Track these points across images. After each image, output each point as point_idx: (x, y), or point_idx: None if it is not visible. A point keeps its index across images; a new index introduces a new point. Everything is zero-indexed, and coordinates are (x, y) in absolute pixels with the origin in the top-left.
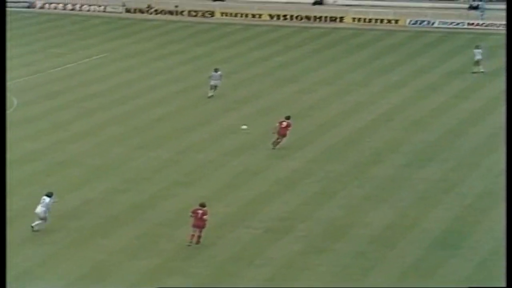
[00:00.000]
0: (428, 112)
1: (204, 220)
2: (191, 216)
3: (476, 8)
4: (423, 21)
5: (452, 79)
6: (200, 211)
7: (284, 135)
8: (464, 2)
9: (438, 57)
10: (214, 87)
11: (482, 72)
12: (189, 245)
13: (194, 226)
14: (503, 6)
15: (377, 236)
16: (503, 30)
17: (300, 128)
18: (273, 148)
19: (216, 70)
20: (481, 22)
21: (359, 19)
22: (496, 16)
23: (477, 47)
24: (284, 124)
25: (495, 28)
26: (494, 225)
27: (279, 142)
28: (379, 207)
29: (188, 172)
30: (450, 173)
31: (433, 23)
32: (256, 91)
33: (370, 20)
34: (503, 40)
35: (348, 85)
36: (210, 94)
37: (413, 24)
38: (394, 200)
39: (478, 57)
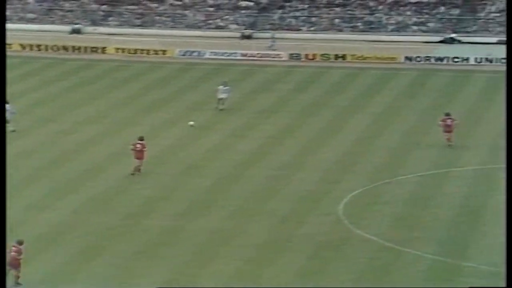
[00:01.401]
0: (203, 154)
1: (18, 259)
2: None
3: (249, 37)
4: (193, 51)
5: (227, 116)
6: (14, 248)
7: (140, 158)
8: (235, 31)
9: (210, 92)
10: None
11: (222, 109)
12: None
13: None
14: (280, 35)
15: None
16: (279, 61)
17: (61, 174)
18: (132, 174)
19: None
20: (255, 52)
21: (123, 50)
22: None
23: (224, 83)
24: (139, 146)
25: (270, 59)
26: (278, 276)
27: (139, 167)
28: (152, 264)
29: None
30: (228, 222)
31: (204, 54)
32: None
33: (135, 51)
34: (278, 72)
35: (115, 124)
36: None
37: (182, 55)
38: (168, 255)
39: (223, 95)
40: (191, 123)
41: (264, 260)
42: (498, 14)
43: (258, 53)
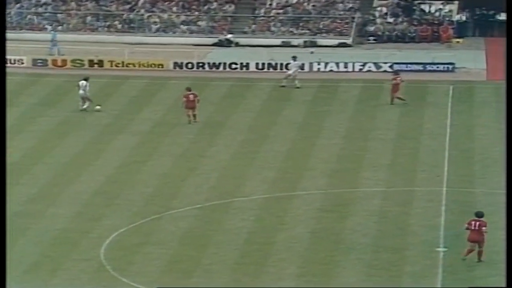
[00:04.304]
0: None
1: None
2: None
3: None
4: None
5: None
6: None
7: None
8: None
9: None
10: None
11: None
12: None
13: None
14: None
15: None
16: (19, 68)
17: None
18: None
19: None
20: None
21: None
22: None
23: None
24: None
25: (8, 65)
26: None
27: None
28: None
29: None
30: None
31: None
32: None
33: None
34: (19, 82)
35: None
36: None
37: None
38: None
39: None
40: (98, 107)
41: None
42: (280, 11)
43: None
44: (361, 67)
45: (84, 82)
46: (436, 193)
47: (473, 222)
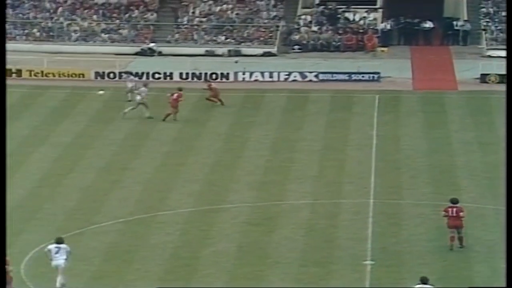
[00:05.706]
0: None
1: None
2: None
3: None
4: None
5: None
6: None
7: None
8: None
9: None
10: None
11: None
12: None
13: None
14: None
15: None
16: None
17: None
18: None
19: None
20: None
21: None
22: None
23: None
24: None
25: None
26: None
27: None
28: None
29: None
30: None
31: None
32: None
33: None
34: None
35: None
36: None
37: None
38: None
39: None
40: (101, 92)
41: None
42: (203, 19)
43: None
44: (287, 76)
45: (143, 88)
46: (363, 205)
47: (449, 209)
